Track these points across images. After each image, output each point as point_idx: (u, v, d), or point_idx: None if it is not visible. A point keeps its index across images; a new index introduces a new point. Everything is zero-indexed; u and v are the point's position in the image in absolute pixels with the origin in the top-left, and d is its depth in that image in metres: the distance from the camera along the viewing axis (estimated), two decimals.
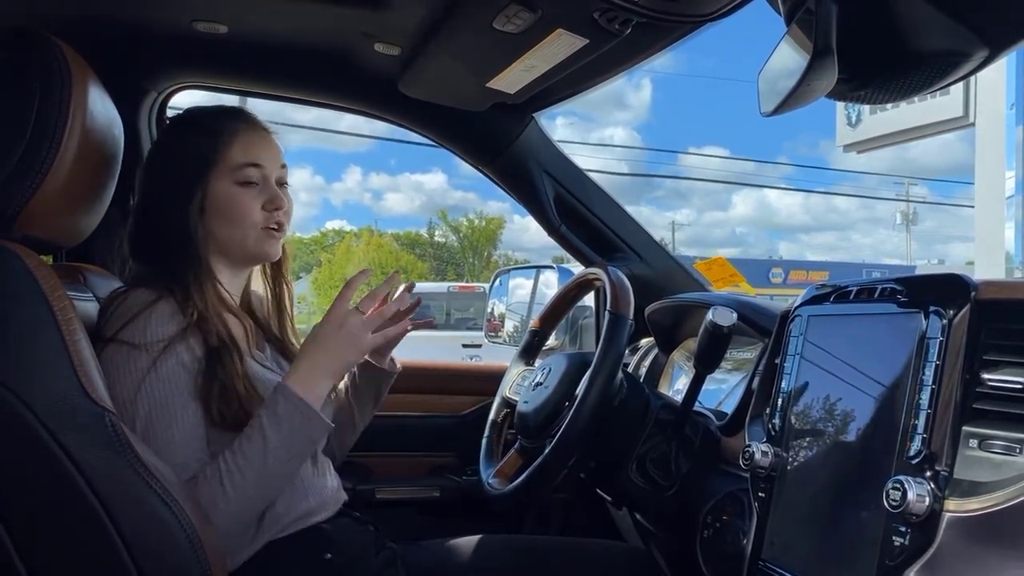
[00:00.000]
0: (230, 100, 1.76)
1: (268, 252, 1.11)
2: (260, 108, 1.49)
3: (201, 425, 0.97)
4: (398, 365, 1.29)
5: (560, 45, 1.27)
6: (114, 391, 0.92)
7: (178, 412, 0.95)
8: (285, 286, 1.20)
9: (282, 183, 1.12)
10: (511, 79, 1.44)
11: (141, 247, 1.09)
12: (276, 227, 1.09)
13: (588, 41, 1.25)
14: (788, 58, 0.73)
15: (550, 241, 1.77)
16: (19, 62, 0.82)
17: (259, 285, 1.21)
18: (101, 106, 0.90)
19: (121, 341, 0.95)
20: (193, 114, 1.13)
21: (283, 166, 1.13)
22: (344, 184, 68.35)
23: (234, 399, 0.97)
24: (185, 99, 1.64)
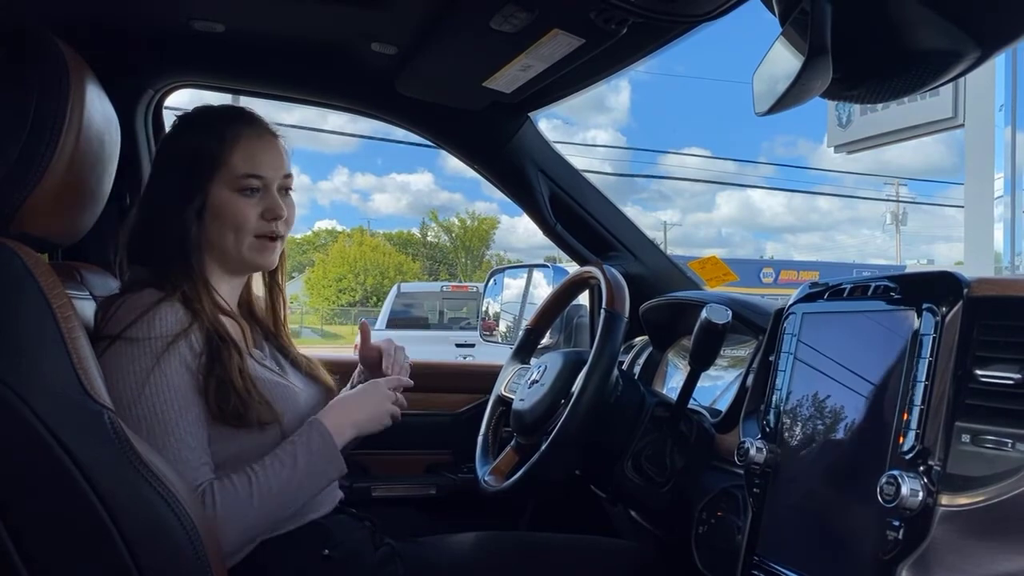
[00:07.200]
0: (226, 99, 1.76)
1: (263, 261, 1.11)
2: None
3: (203, 425, 0.98)
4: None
5: (557, 45, 1.28)
6: (116, 391, 0.92)
7: (181, 412, 0.95)
8: (279, 292, 1.21)
9: (285, 190, 1.12)
10: (508, 78, 1.45)
11: (139, 248, 1.08)
12: (272, 236, 1.09)
13: (584, 41, 1.25)
14: (783, 58, 0.73)
15: (540, 240, 1.78)
16: (18, 60, 0.82)
17: (259, 287, 1.22)
18: (99, 104, 0.90)
19: (125, 339, 0.95)
20: (200, 114, 1.12)
21: (287, 175, 1.12)
22: (331, 184, 68.28)
23: (231, 393, 0.98)
24: (182, 98, 1.64)
